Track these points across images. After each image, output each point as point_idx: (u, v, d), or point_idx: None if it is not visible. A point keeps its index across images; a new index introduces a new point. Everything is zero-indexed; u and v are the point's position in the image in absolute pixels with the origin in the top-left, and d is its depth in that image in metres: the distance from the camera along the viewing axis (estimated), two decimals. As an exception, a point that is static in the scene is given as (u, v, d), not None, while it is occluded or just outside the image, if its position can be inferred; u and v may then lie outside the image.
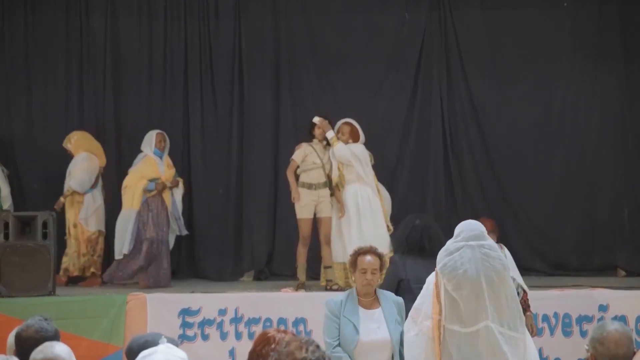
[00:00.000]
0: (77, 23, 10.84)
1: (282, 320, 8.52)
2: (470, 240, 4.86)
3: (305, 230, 9.39)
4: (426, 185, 10.73)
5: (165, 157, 9.96)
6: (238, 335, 8.52)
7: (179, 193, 9.93)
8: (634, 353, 4.07)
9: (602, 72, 10.65)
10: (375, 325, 5.83)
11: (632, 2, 10.65)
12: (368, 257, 5.91)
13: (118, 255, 9.62)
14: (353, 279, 6.01)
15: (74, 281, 9.93)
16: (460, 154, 10.76)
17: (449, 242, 4.96)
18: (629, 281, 9.76)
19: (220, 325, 8.55)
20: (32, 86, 10.81)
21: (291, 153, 9.58)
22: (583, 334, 8.33)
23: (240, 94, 10.80)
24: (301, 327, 8.46)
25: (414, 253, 6.65)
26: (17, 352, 4.29)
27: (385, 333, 5.80)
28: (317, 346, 3.22)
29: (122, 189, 9.76)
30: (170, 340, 3.75)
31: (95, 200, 10.01)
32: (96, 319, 8.48)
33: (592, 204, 10.61)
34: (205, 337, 8.53)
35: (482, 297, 4.75)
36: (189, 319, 8.55)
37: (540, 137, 10.68)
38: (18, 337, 4.34)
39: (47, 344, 3.95)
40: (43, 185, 10.52)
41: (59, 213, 9.57)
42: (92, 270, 9.95)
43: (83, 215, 9.90)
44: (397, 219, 8.86)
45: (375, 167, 9.61)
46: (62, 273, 9.63)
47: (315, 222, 9.44)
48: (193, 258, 10.65)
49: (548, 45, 10.70)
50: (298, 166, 9.43)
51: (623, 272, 10.32)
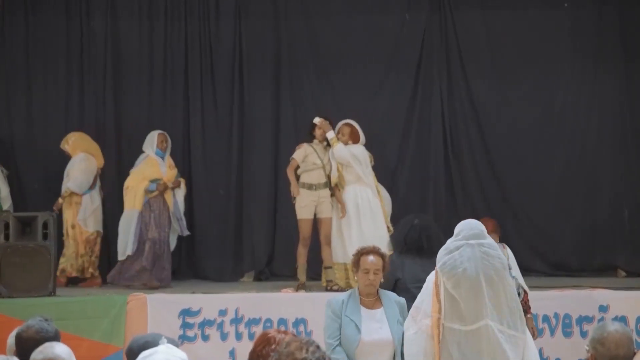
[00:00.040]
0: (77, 23, 10.83)
1: (282, 321, 8.52)
2: (470, 239, 4.88)
3: (305, 230, 9.39)
4: (426, 185, 10.73)
5: (167, 157, 9.96)
6: (238, 336, 8.53)
7: (180, 193, 9.92)
8: (634, 353, 4.07)
9: (602, 72, 10.65)
10: (377, 325, 5.82)
11: (632, 2, 10.64)
12: (371, 257, 5.89)
13: (121, 256, 9.61)
14: (355, 278, 5.99)
15: (74, 282, 9.93)
16: (460, 154, 10.75)
17: (449, 241, 4.97)
18: (629, 282, 9.76)
19: (220, 326, 8.55)
20: (33, 86, 10.80)
21: (291, 153, 9.58)
22: (583, 334, 8.34)
23: (240, 94, 10.80)
24: (301, 328, 8.46)
25: (412, 252, 6.66)
26: (18, 353, 4.29)
27: (387, 333, 5.78)
28: (318, 347, 3.22)
29: (124, 189, 9.75)
30: (171, 341, 3.75)
31: (93, 201, 10.00)
32: (96, 319, 8.49)
33: (592, 204, 10.61)
34: (205, 338, 8.53)
35: (482, 296, 4.76)
36: (190, 320, 8.55)
37: (541, 137, 10.68)
38: (18, 337, 4.34)
39: (48, 344, 3.95)
40: (43, 186, 10.51)
41: (57, 214, 9.56)
42: (91, 271, 9.95)
43: (82, 216, 9.89)
44: (397, 219, 8.85)
45: (375, 167, 9.61)
46: (59, 274, 9.60)
47: (316, 222, 9.44)
48: (193, 258, 10.64)
49: (548, 46, 10.70)
50: (298, 166, 9.43)
51: (623, 273, 10.32)
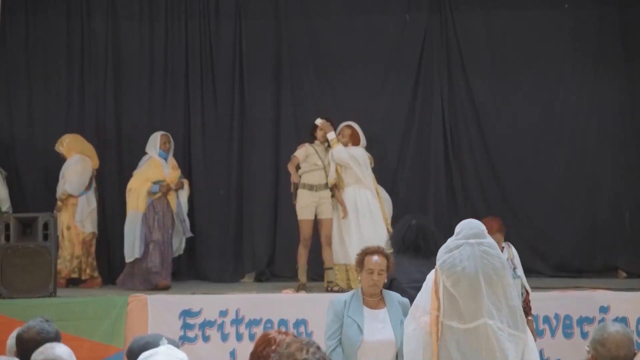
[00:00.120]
0: (78, 24, 10.82)
1: (283, 322, 8.52)
2: (470, 238, 4.90)
3: (306, 231, 9.38)
4: (427, 185, 10.72)
5: (170, 158, 9.94)
6: (239, 337, 8.53)
7: (184, 195, 9.91)
8: (635, 354, 4.07)
9: (603, 72, 10.65)
10: (380, 325, 5.79)
11: (633, 2, 10.64)
12: (375, 257, 5.86)
13: (129, 259, 9.59)
14: (359, 278, 5.95)
15: (74, 283, 9.94)
16: (460, 155, 10.75)
17: (449, 240, 4.99)
18: (629, 282, 9.76)
19: (221, 327, 8.55)
20: (33, 87, 10.79)
21: (292, 153, 9.58)
22: (584, 335, 8.34)
23: (240, 94, 10.80)
24: (302, 329, 8.46)
25: (410, 252, 6.66)
26: (18, 354, 4.29)
27: (390, 333, 5.76)
28: (318, 347, 3.22)
29: (127, 191, 9.73)
30: (171, 342, 3.75)
31: (89, 202, 10.00)
32: (97, 320, 8.49)
33: (593, 204, 10.61)
34: (206, 339, 8.54)
35: (481, 294, 4.78)
36: (190, 321, 8.55)
37: (541, 137, 10.67)
38: (19, 338, 4.34)
39: (48, 345, 3.95)
40: (44, 187, 10.50)
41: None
42: (89, 272, 9.95)
43: (79, 217, 9.88)
44: (398, 219, 8.87)
45: (375, 168, 9.61)
46: None
47: (316, 223, 9.44)
48: (194, 259, 10.63)
49: (548, 46, 10.70)
50: (299, 166, 9.43)
51: (624, 274, 10.30)
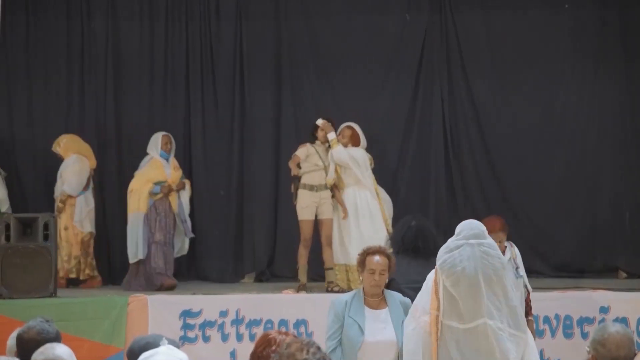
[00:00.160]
0: (78, 24, 10.82)
1: (283, 322, 8.52)
2: (470, 239, 4.92)
3: (306, 231, 9.38)
4: (427, 186, 10.72)
5: (172, 159, 9.93)
6: (239, 337, 8.53)
7: (185, 195, 9.89)
8: (635, 354, 4.08)
9: (603, 72, 10.64)
10: (381, 325, 5.76)
11: (633, 3, 10.64)
12: (377, 258, 5.81)
13: (132, 259, 9.59)
14: (361, 278, 5.92)
15: (74, 283, 9.94)
16: (461, 155, 10.75)
17: (449, 240, 5.02)
18: (630, 283, 9.75)
19: (221, 327, 8.55)
20: (33, 87, 10.79)
21: (292, 153, 9.58)
22: (584, 335, 8.34)
23: (241, 95, 10.80)
24: (302, 329, 8.46)
25: (409, 253, 6.67)
26: (19, 354, 4.29)
27: (392, 333, 5.72)
28: (318, 348, 3.23)
29: (128, 192, 9.71)
30: (172, 342, 3.75)
31: (88, 202, 10.01)
32: (97, 320, 8.49)
33: (593, 205, 10.61)
34: (206, 339, 8.54)
35: (480, 295, 4.80)
36: (190, 321, 8.55)
37: (541, 137, 10.67)
38: (19, 338, 4.34)
39: (48, 345, 3.95)
40: (44, 187, 10.50)
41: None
42: (88, 272, 9.96)
43: (78, 217, 9.89)
44: (398, 219, 8.87)
45: (376, 167, 9.61)
46: None
47: (317, 223, 9.44)
48: (194, 259, 10.63)
49: (549, 46, 10.70)
50: (300, 166, 9.42)
51: (624, 274, 10.30)
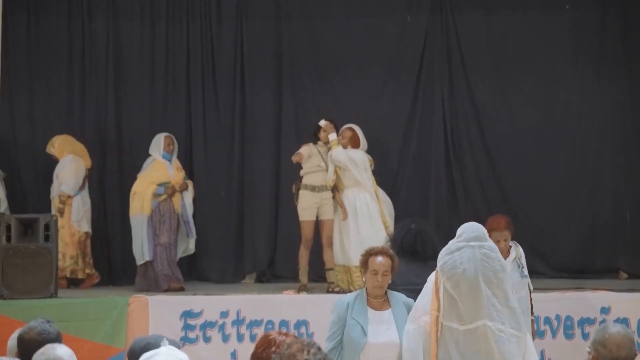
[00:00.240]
0: (79, 25, 10.82)
1: (284, 323, 8.51)
2: (471, 241, 4.99)
3: (307, 232, 9.38)
4: (428, 186, 10.72)
5: (174, 160, 9.92)
6: (240, 338, 8.52)
7: (189, 196, 9.86)
8: (636, 355, 4.08)
9: (604, 73, 10.64)
10: (384, 326, 5.71)
11: (634, 3, 10.64)
12: (379, 258, 5.76)
13: (139, 261, 9.57)
14: (364, 279, 5.90)
15: (75, 283, 9.94)
16: (461, 156, 10.75)
17: (450, 242, 5.07)
18: (630, 283, 9.75)
19: (222, 328, 8.55)
20: (34, 88, 10.79)
21: (292, 154, 9.57)
22: (585, 336, 8.33)
23: (242, 96, 10.80)
24: (303, 330, 8.45)
25: (408, 255, 6.68)
26: (19, 354, 4.29)
27: (395, 335, 5.66)
28: (319, 348, 3.23)
29: (131, 194, 9.68)
30: (172, 343, 3.75)
31: (84, 202, 10.03)
32: (98, 321, 8.49)
33: (594, 205, 10.60)
34: (207, 340, 8.53)
35: (480, 296, 4.84)
36: (191, 321, 8.55)
37: (542, 138, 10.67)
38: (20, 339, 4.34)
39: (49, 346, 3.95)
40: (44, 187, 10.48)
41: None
42: (87, 272, 9.97)
43: (75, 217, 9.90)
44: (399, 220, 8.89)
45: (376, 168, 9.61)
46: None
47: (318, 224, 9.43)
48: (195, 260, 10.63)
49: (549, 47, 10.69)
50: (301, 166, 9.43)
51: (625, 275, 10.31)
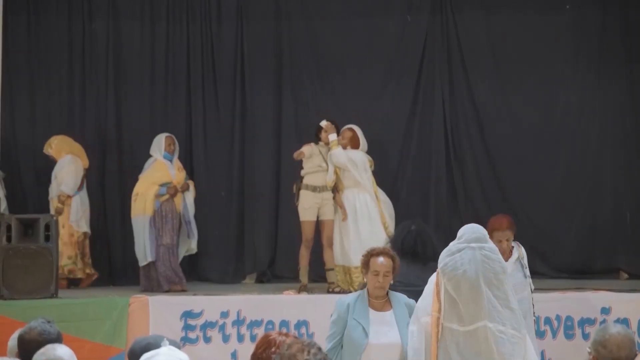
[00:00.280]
0: (79, 25, 10.82)
1: (284, 323, 8.51)
2: (472, 242, 5.01)
3: (308, 232, 9.38)
4: (428, 186, 10.72)
5: (175, 160, 9.92)
6: (240, 338, 8.52)
7: (190, 196, 9.85)
8: (636, 355, 4.08)
9: (604, 73, 10.64)
10: (386, 328, 5.68)
11: (634, 4, 10.64)
12: (381, 259, 5.74)
13: (142, 263, 9.56)
14: (365, 280, 5.87)
15: (74, 283, 9.95)
16: (462, 156, 10.74)
17: (451, 244, 5.09)
18: (631, 284, 9.75)
19: (222, 328, 8.55)
20: (35, 88, 10.79)
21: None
22: (585, 336, 8.34)
23: (242, 96, 10.80)
24: (303, 330, 8.45)
25: (407, 257, 6.68)
26: (20, 355, 4.30)
27: (396, 336, 5.64)
28: (319, 348, 3.23)
29: (133, 196, 9.65)
30: (173, 343, 3.75)
31: (83, 202, 10.03)
32: (98, 321, 8.49)
33: (594, 206, 10.60)
34: (207, 340, 8.53)
35: (481, 298, 4.87)
36: (191, 322, 8.55)
37: (542, 138, 10.66)
38: (21, 339, 4.34)
39: (50, 346, 3.95)
40: (45, 188, 10.48)
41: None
42: (87, 272, 9.98)
43: (74, 217, 9.90)
44: (399, 220, 8.89)
45: (377, 169, 9.61)
46: None
47: (318, 224, 9.43)
48: (195, 260, 10.63)
49: (549, 47, 10.69)
50: (302, 166, 9.44)
51: (625, 275, 10.31)
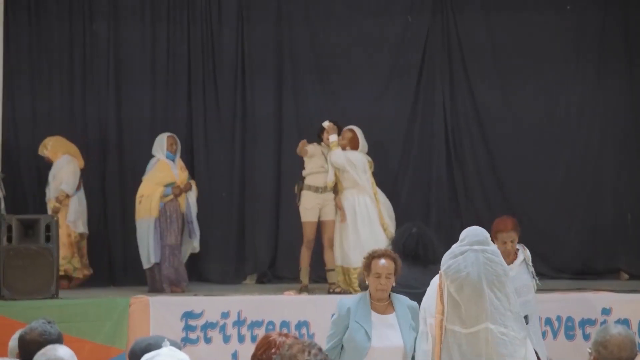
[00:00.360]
0: (80, 26, 10.81)
1: (284, 324, 8.52)
2: (474, 245, 5.04)
3: (309, 233, 9.38)
4: (429, 188, 10.72)
5: (178, 159, 9.91)
6: (241, 339, 8.53)
7: (192, 196, 9.85)
8: (637, 356, 4.08)
9: (605, 74, 10.64)
10: (388, 330, 5.63)
11: (635, 4, 10.65)
12: (382, 261, 5.70)
13: (146, 265, 9.55)
14: (367, 282, 5.82)
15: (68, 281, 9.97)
16: (463, 157, 10.75)
17: (454, 246, 5.14)
18: (632, 284, 9.75)
19: (223, 329, 8.55)
20: (35, 89, 10.79)
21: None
22: (586, 337, 8.34)
23: (242, 98, 10.80)
24: (304, 330, 8.46)
25: (408, 259, 6.68)
26: (20, 355, 4.30)
27: (399, 339, 5.60)
28: (320, 349, 3.23)
29: (138, 198, 9.62)
30: (173, 343, 3.75)
31: (80, 202, 10.03)
32: (99, 322, 8.49)
33: (595, 206, 10.61)
34: (208, 340, 8.54)
35: (483, 300, 4.90)
36: (192, 322, 8.55)
37: (543, 139, 10.67)
38: (21, 340, 4.35)
39: (50, 347, 3.95)
40: (45, 188, 10.50)
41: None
42: (85, 272, 9.99)
43: (72, 217, 9.89)
44: (400, 221, 8.89)
45: (377, 170, 9.61)
46: None
47: (319, 225, 9.44)
48: (196, 261, 10.63)
49: (551, 47, 10.70)
50: (303, 167, 9.44)
51: (626, 275, 10.31)
